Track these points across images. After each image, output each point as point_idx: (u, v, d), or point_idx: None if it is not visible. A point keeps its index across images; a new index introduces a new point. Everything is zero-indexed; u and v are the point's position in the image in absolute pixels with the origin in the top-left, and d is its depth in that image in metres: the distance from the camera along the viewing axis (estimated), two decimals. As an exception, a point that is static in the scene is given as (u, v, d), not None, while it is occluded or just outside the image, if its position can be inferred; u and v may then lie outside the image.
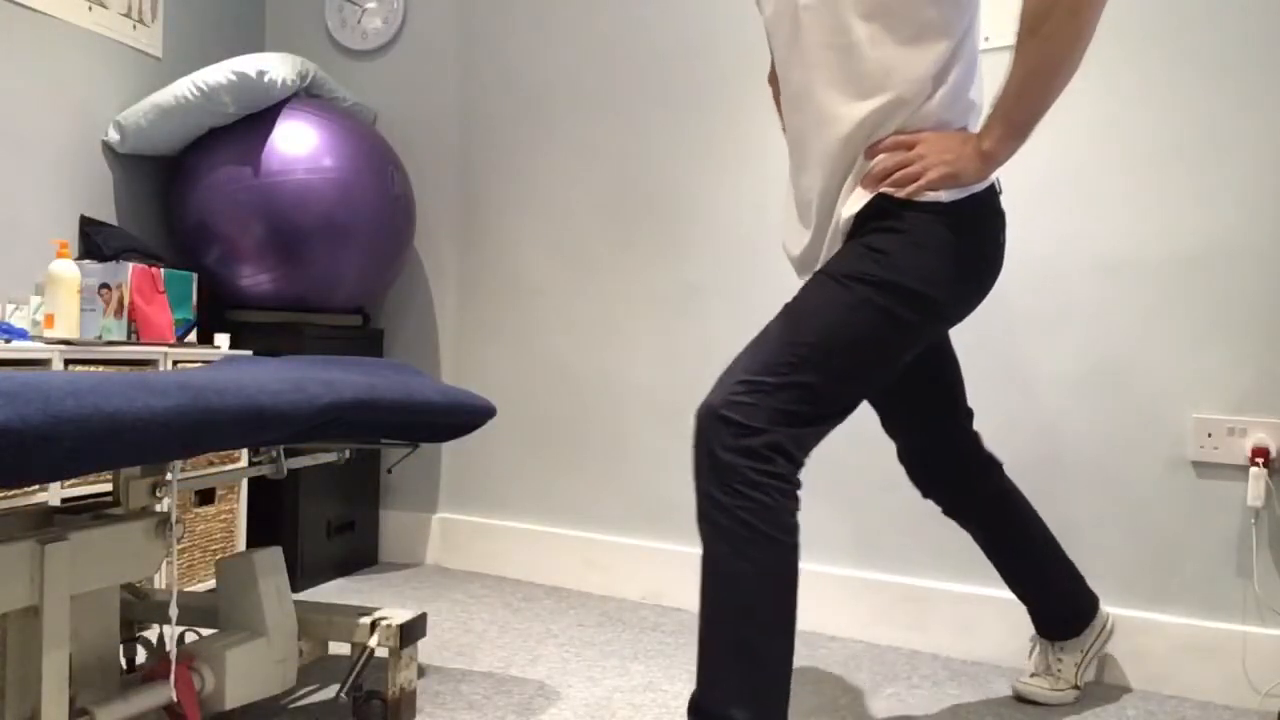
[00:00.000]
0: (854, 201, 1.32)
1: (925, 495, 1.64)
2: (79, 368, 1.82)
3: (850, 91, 1.30)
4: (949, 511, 1.64)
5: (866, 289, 1.25)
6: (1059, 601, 1.68)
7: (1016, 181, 1.93)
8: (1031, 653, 1.76)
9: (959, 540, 2.00)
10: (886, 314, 1.25)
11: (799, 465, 1.22)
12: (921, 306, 1.26)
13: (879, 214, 1.29)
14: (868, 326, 1.24)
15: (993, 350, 1.97)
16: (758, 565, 1.17)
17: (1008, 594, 1.93)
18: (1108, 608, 1.85)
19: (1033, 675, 1.73)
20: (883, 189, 1.29)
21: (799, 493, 1.22)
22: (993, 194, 1.36)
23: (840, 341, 1.23)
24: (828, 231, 1.37)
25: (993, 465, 1.63)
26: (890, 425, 1.62)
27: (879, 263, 1.26)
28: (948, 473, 1.60)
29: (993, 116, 1.25)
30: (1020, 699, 1.73)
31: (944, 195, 1.27)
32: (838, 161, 1.33)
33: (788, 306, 1.31)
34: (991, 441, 1.97)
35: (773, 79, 1.66)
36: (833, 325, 1.24)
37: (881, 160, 1.29)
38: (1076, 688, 1.71)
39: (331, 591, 2.35)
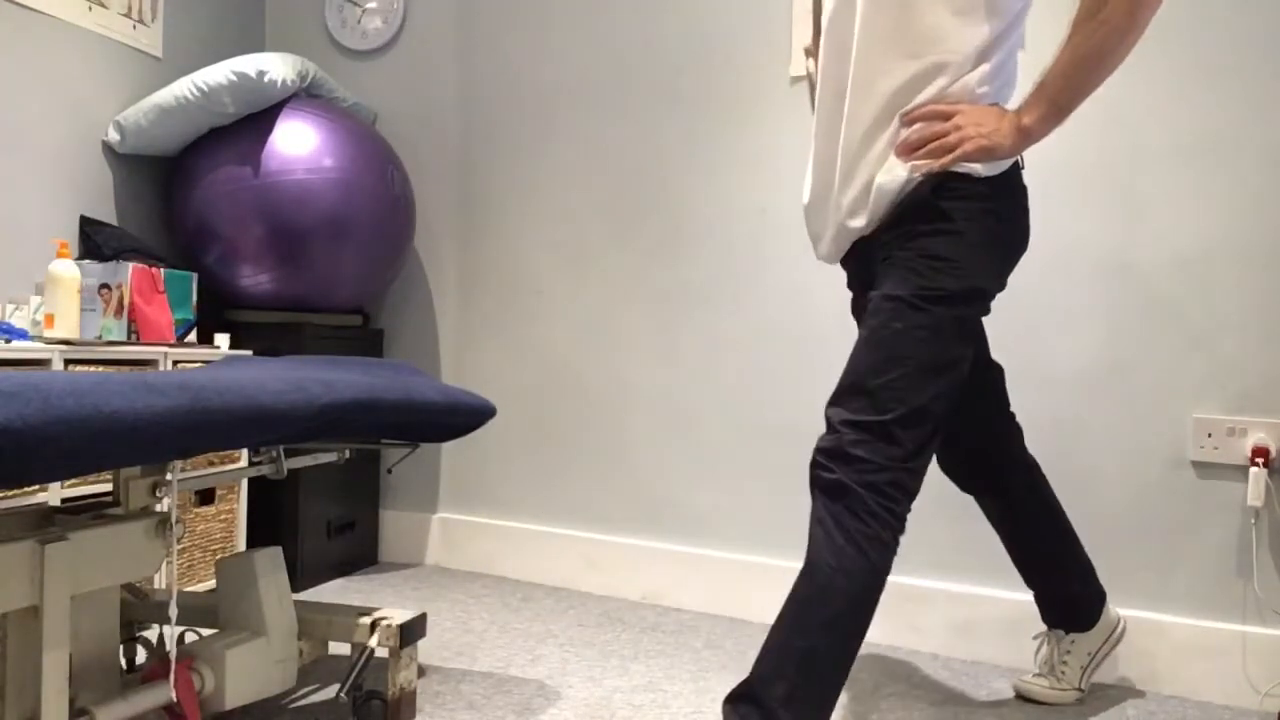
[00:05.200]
0: (889, 170, 1.33)
1: (955, 475, 1.67)
2: (79, 368, 1.82)
3: (898, 50, 1.32)
4: (980, 491, 1.66)
5: (942, 308, 1.29)
6: (1077, 588, 1.68)
7: (1016, 181, 1.93)
8: (1038, 652, 1.76)
9: (959, 540, 2.00)
10: (963, 324, 1.30)
11: (913, 499, 1.28)
12: (984, 301, 1.34)
13: (925, 211, 1.31)
14: (953, 344, 1.29)
15: (993, 350, 1.97)
16: (854, 587, 1.23)
17: (1007, 594, 1.93)
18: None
19: (1036, 675, 1.73)
20: (916, 160, 1.31)
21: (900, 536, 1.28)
22: (1018, 169, 1.39)
23: (932, 366, 1.28)
24: (852, 190, 1.38)
25: (1025, 452, 1.66)
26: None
27: (945, 273, 1.29)
28: (985, 455, 1.63)
29: (1036, 94, 1.28)
30: (1021, 697, 1.73)
31: (979, 168, 1.30)
32: (875, 122, 1.35)
33: (872, 335, 1.32)
34: (991, 441, 1.97)
35: (812, 50, 1.64)
36: (922, 353, 1.28)
37: (918, 129, 1.31)
38: (1079, 690, 1.71)
39: (331, 591, 2.35)
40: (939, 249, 1.30)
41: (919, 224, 1.32)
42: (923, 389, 1.27)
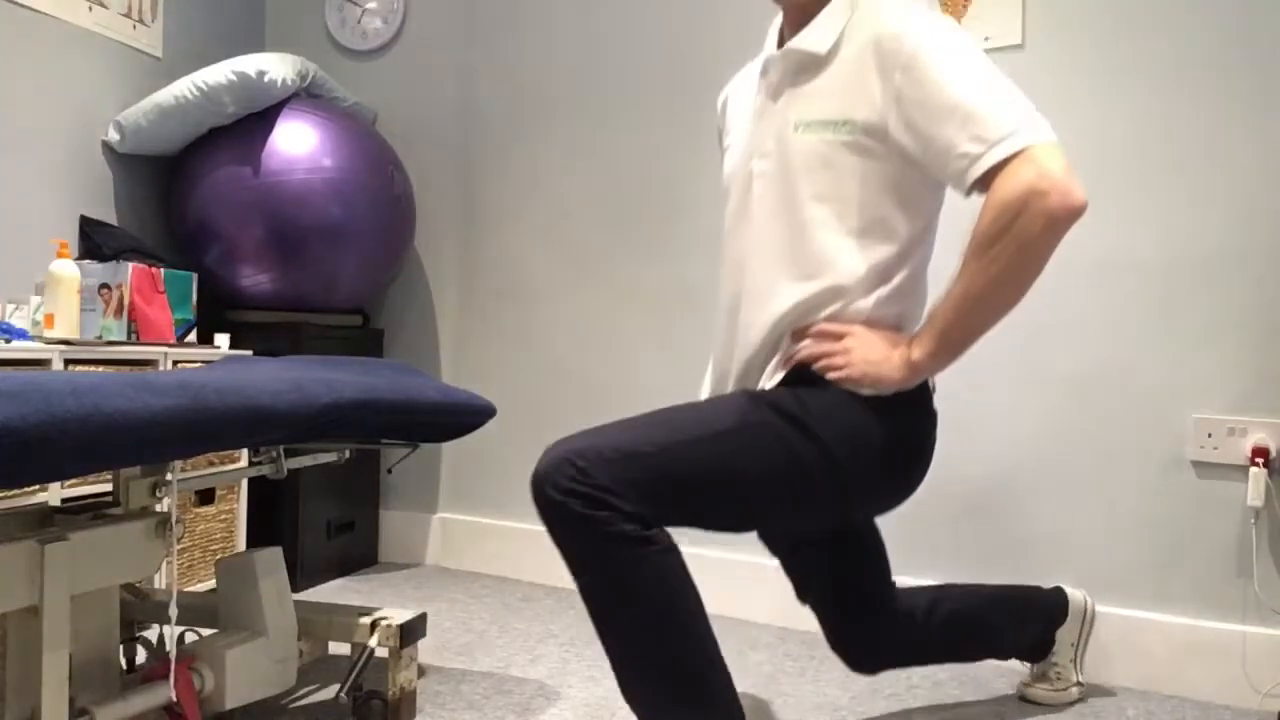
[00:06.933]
0: (775, 379, 1.28)
1: (867, 671, 1.52)
2: (79, 368, 1.82)
3: (789, 271, 1.26)
4: (907, 664, 1.57)
5: (776, 416, 1.19)
6: (1031, 635, 1.67)
7: (1016, 181, 1.93)
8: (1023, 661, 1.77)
9: (959, 541, 2.00)
10: (789, 451, 1.18)
11: (631, 504, 1.09)
12: (828, 465, 1.19)
13: (803, 380, 1.25)
14: (762, 451, 1.17)
15: (994, 351, 1.97)
16: (639, 592, 1.10)
17: (1008, 594, 1.93)
18: (1107, 607, 1.85)
19: (1035, 680, 1.73)
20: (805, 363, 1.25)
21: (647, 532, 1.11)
22: (924, 393, 1.30)
23: (722, 450, 1.16)
24: None
25: (915, 614, 1.51)
26: (812, 604, 1.51)
27: (797, 403, 1.21)
28: (886, 646, 1.50)
29: (927, 327, 1.20)
30: (1025, 700, 1.73)
31: (865, 391, 1.23)
32: (765, 339, 1.28)
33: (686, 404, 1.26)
34: (993, 442, 1.97)
35: None
36: (721, 427, 1.17)
37: (806, 346, 1.25)
38: (1079, 683, 1.71)
39: (331, 591, 2.35)
40: (802, 392, 1.22)
41: (793, 385, 1.26)
42: (691, 453, 1.13)
